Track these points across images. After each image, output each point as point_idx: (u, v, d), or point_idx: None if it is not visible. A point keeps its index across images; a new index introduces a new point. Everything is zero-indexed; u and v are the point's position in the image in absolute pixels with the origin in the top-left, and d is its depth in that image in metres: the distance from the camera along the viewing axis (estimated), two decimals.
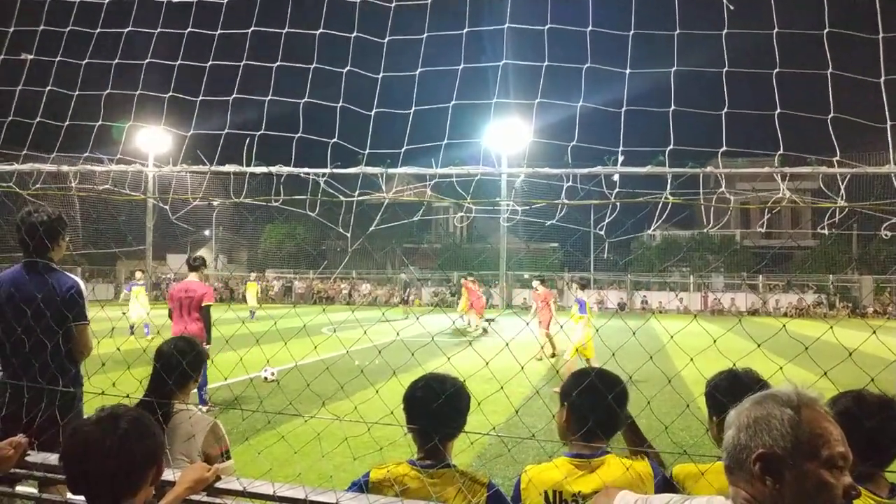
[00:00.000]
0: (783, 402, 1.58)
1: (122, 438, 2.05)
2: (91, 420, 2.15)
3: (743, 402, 1.67)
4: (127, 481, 2.07)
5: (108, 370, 3.42)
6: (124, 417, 2.12)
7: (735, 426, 1.63)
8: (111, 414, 2.14)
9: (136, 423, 2.12)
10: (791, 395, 1.59)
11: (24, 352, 4.04)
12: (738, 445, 1.60)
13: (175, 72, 3.58)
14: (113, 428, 2.07)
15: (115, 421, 2.10)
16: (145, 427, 2.14)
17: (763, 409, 1.59)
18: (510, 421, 8.12)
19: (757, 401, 1.63)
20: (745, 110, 2.87)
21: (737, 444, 1.61)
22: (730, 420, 1.67)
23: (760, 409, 1.60)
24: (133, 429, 2.09)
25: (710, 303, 46.27)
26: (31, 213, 4.12)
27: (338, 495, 2.57)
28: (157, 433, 2.19)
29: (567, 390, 2.67)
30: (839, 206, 2.61)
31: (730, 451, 1.64)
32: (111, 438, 2.05)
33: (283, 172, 3.08)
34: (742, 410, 1.64)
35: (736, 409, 1.67)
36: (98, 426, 2.10)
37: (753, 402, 1.64)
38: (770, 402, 1.60)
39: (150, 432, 2.15)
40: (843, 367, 2.36)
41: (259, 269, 55.62)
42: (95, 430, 2.09)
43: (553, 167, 2.94)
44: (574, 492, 2.44)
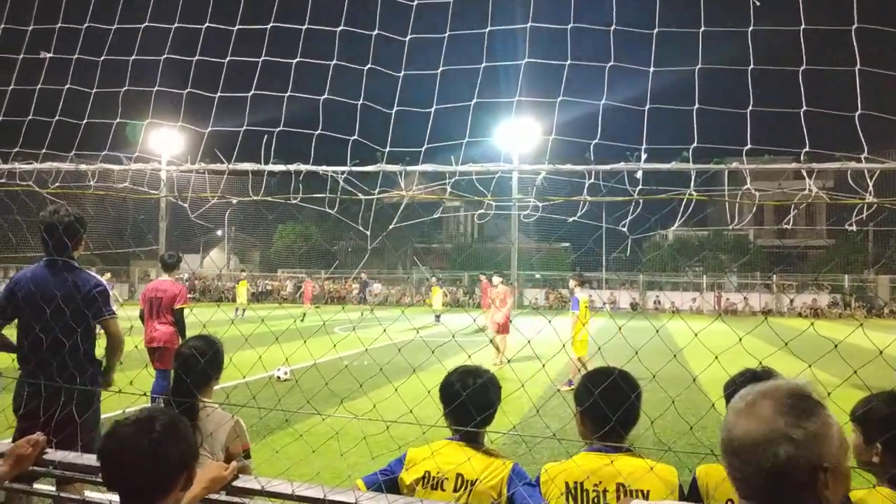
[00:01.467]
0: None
1: (156, 441, 2.07)
2: (128, 420, 2.17)
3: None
4: (158, 483, 2.08)
5: (126, 368, 3.43)
6: (159, 420, 2.13)
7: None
8: (148, 416, 2.16)
9: (170, 428, 2.12)
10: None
11: (43, 350, 4.06)
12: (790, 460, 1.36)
13: (193, 68, 3.58)
14: (148, 430, 2.09)
15: (150, 423, 2.11)
16: (179, 431, 2.15)
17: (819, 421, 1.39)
18: (525, 421, 8.09)
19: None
20: (771, 108, 2.83)
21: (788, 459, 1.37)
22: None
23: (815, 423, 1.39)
24: (167, 433, 2.10)
25: (724, 303, 45.94)
26: (53, 213, 4.17)
27: (357, 495, 2.57)
28: (190, 438, 2.20)
29: (578, 393, 2.71)
30: (867, 203, 2.56)
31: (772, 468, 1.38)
32: (145, 440, 2.06)
33: (302, 170, 3.07)
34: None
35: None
36: (134, 427, 2.12)
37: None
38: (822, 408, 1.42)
39: (183, 437, 2.15)
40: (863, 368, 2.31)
41: (269, 267, 55.88)
42: (131, 430, 2.11)
43: (574, 164, 2.92)
44: (595, 482, 2.46)
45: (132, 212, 37.26)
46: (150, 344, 8.40)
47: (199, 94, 3.54)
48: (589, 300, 12.31)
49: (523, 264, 46.53)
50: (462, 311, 13.07)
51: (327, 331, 3.74)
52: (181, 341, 8.31)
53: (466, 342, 2.84)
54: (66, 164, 3.44)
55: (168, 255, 9.10)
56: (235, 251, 62.07)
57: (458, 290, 50.56)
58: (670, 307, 44.65)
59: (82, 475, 3.08)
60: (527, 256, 46.68)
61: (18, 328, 4.19)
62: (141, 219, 41.49)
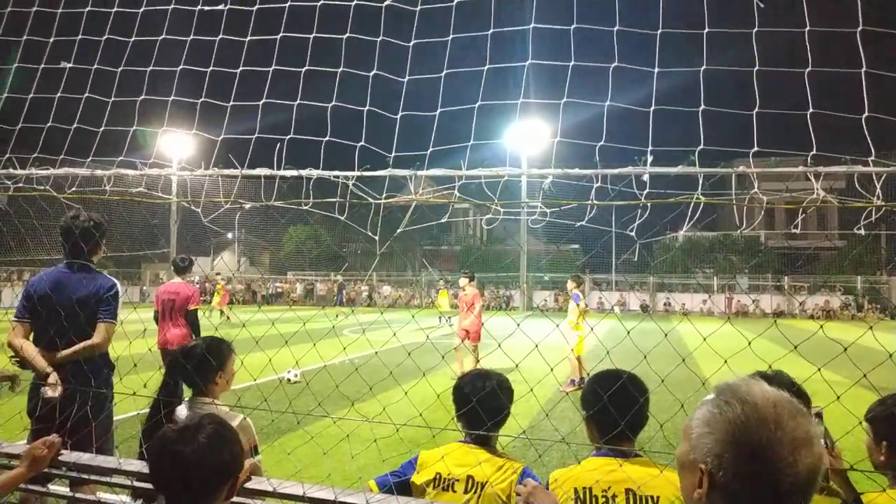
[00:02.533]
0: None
1: (199, 450, 2.07)
2: (176, 427, 2.19)
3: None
4: (200, 492, 2.09)
5: (140, 370, 3.47)
6: (205, 430, 2.13)
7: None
8: (197, 424, 2.16)
9: (214, 438, 2.12)
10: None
11: (58, 350, 4.12)
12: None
13: (207, 78, 3.64)
14: (192, 438, 2.09)
15: (195, 432, 2.12)
16: (223, 442, 2.14)
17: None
18: (535, 425, 8.08)
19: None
20: (777, 110, 2.83)
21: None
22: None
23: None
24: (210, 442, 2.10)
25: (735, 305, 45.65)
26: (74, 218, 4.24)
27: (367, 496, 2.59)
28: (235, 449, 2.18)
29: (585, 397, 2.70)
30: (875, 206, 2.56)
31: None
32: (189, 448, 2.07)
33: (313, 176, 3.11)
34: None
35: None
36: (180, 434, 2.13)
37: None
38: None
39: (228, 447, 2.15)
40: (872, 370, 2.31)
41: (279, 269, 55.98)
42: (176, 437, 2.12)
43: (582, 168, 2.93)
44: (604, 487, 2.44)
45: (145, 216, 37.52)
46: (164, 346, 8.47)
47: (213, 102, 3.60)
48: (585, 303, 12.35)
49: (532, 266, 46.47)
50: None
51: (336, 333, 3.76)
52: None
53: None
54: (82, 170, 3.50)
55: (180, 258, 9.15)
56: (246, 254, 62.35)
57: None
58: (681, 309, 44.42)
59: (96, 476, 3.12)
60: (536, 259, 46.58)
61: (34, 330, 4.25)
62: (154, 223, 41.79)
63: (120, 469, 3.00)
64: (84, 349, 4.15)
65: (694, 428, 1.32)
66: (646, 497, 2.41)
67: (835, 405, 2.36)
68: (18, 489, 3.05)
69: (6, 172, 3.59)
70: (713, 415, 1.29)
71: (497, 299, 48.41)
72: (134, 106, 3.80)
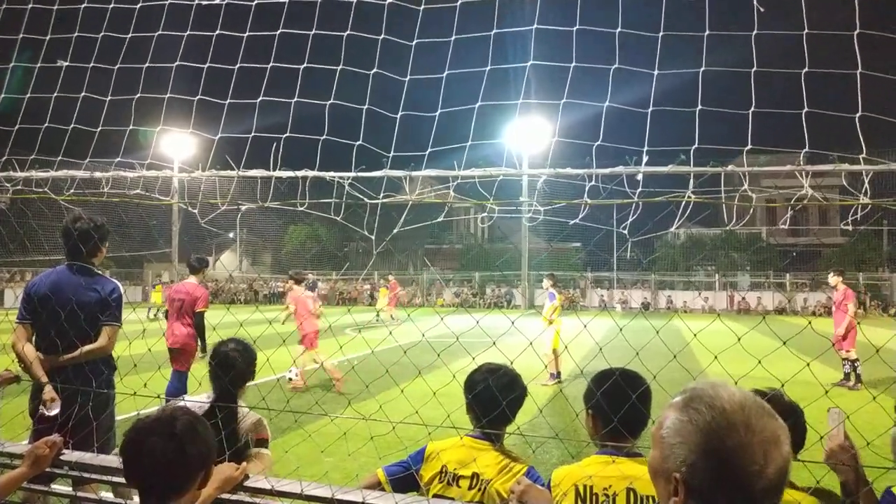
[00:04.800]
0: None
1: (175, 439, 2.10)
2: (151, 417, 2.22)
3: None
4: (175, 481, 2.12)
5: (140, 370, 3.50)
6: (181, 420, 2.17)
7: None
8: (170, 415, 2.19)
9: (190, 427, 2.15)
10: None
11: (59, 353, 4.14)
12: None
13: (203, 75, 3.64)
14: (168, 428, 2.13)
15: (171, 422, 2.15)
16: (198, 431, 2.17)
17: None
18: (533, 421, 8.10)
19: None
20: (772, 109, 2.85)
21: None
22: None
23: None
24: (187, 431, 2.13)
25: (737, 302, 45.63)
26: (74, 221, 4.26)
27: (364, 494, 2.61)
28: (209, 439, 2.22)
29: (589, 392, 2.69)
30: (861, 203, 2.58)
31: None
32: (164, 438, 2.10)
33: (309, 176, 3.12)
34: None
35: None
36: (155, 424, 2.16)
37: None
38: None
39: (202, 437, 2.18)
40: (873, 366, 2.33)
41: (280, 269, 55.92)
42: (152, 427, 2.15)
43: (575, 167, 2.95)
44: (605, 486, 2.45)
45: (145, 216, 37.59)
46: (170, 344, 8.54)
47: (210, 100, 3.61)
48: (563, 298, 13.33)
49: (533, 264, 46.45)
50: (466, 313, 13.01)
51: (334, 333, 3.79)
52: (199, 344, 8.49)
53: (470, 344, 2.87)
54: (80, 172, 3.51)
55: (196, 258, 9.17)
56: (247, 253, 62.41)
57: (466, 290, 50.61)
58: (682, 306, 44.40)
59: (98, 476, 3.15)
60: (536, 257, 46.59)
61: (35, 331, 4.27)
62: (154, 224, 41.82)
63: (121, 468, 3.02)
64: (88, 353, 4.18)
65: (665, 437, 1.33)
66: (647, 497, 2.40)
67: (824, 399, 2.38)
68: (21, 489, 3.07)
69: (5, 175, 3.61)
70: (683, 423, 1.30)
71: (498, 297, 48.46)
72: (130, 105, 3.81)
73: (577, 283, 50.80)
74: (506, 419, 2.84)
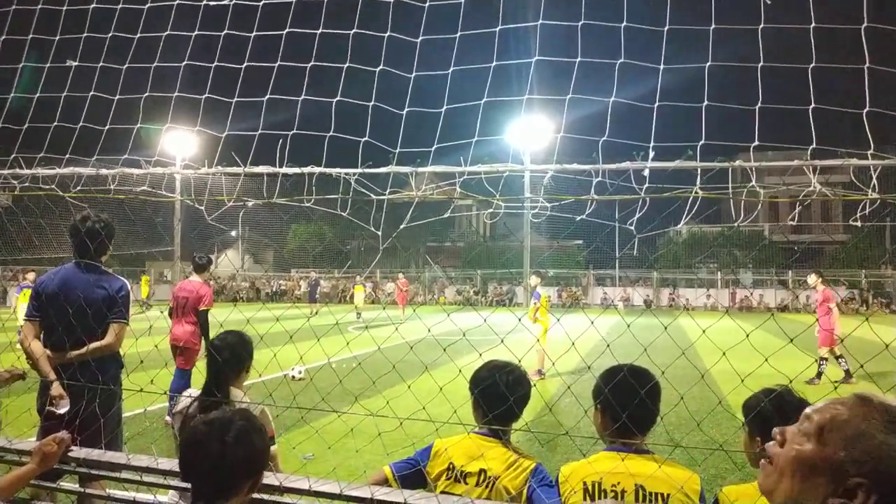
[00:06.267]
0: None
1: (225, 444, 2.11)
2: (206, 419, 2.23)
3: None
4: (220, 485, 2.12)
5: (147, 367, 3.51)
6: (235, 425, 2.17)
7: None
8: (227, 419, 2.20)
9: (242, 433, 2.15)
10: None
11: (66, 350, 4.16)
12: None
13: (211, 73, 3.65)
14: (220, 432, 2.14)
15: (225, 426, 2.16)
16: (251, 439, 2.17)
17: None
18: (538, 419, 8.12)
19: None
20: (779, 105, 2.84)
21: None
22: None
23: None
24: (238, 438, 2.14)
25: (739, 299, 45.58)
26: (84, 219, 4.28)
27: (372, 490, 2.62)
28: (261, 447, 2.21)
29: (598, 387, 2.69)
30: (870, 199, 2.57)
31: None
32: (214, 441, 2.12)
33: (316, 172, 3.13)
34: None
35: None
36: (209, 426, 2.17)
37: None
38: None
39: (253, 445, 2.17)
40: (877, 362, 2.32)
41: (283, 267, 55.99)
42: (205, 430, 2.16)
43: (581, 164, 2.94)
44: (613, 482, 2.46)
45: (149, 214, 37.66)
46: (174, 342, 8.57)
47: (217, 98, 3.62)
48: (548, 297, 13.61)
49: (535, 262, 46.43)
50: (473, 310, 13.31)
51: (341, 330, 3.80)
52: (203, 343, 8.49)
53: (475, 341, 2.87)
54: (87, 169, 3.52)
55: (199, 256, 9.17)
56: (250, 251, 62.47)
57: (469, 287, 50.65)
58: (685, 304, 44.36)
59: (106, 472, 3.16)
60: (539, 254, 46.57)
61: (43, 328, 4.29)
62: (159, 221, 41.90)
63: (129, 465, 3.03)
64: (96, 350, 4.20)
65: (849, 437, 1.28)
66: (655, 494, 2.41)
67: (833, 395, 2.37)
68: (29, 485, 3.08)
69: (12, 172, 3.62)
70: (886, 436, 1.25)
71: (500, 295, 48.47)
72: (138, 103, 3.83)
73: (579, 281, 50.83)
74: (513, 415, 2.84)
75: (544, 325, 12.80)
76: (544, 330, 12.80)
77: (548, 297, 13.56)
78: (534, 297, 13.14)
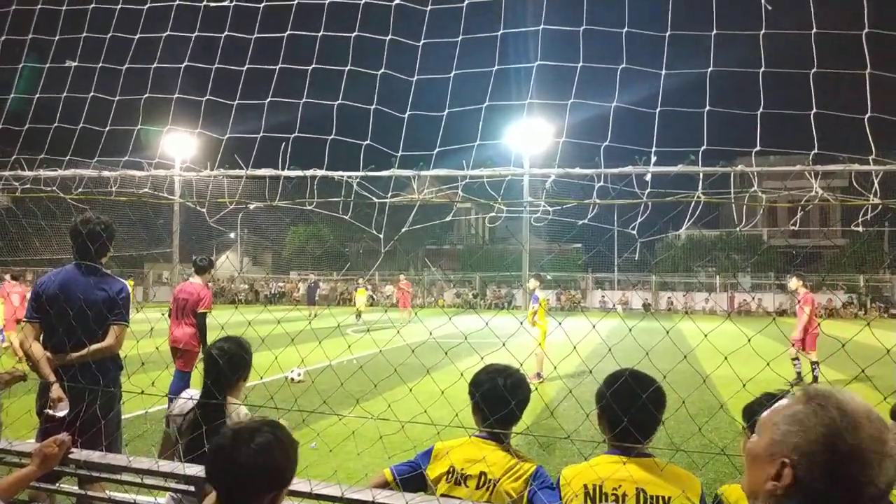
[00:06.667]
0: None
1: (247, 453, 2.09)
2: (232, 428, 2.22)
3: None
4: (240, 493, 2.11)
5: (148, 369, 3.51)
6: (261, 436, 2.14)
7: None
8: (254, 428, 2.17)
9: (266, 446, 2.12)
10: None
11: (67, 351, 4.15)
12: None
13: (212, 75, 3.65)
14: (245, 441, 2.11)
15: (250, 435, 2.14)
16: (273, 452, 2.13)
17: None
18: (538, 422, 8.11)
19: None
20: (780, 110, 2.85)
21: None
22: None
23: None
24: (261, 448, 2.11)
25: (738, 303, 45.58)
26: (85, 221, 4.28)
27: (374, 493, 2.62)
28: (280, 461, 2.16)
29: (601, 392, 2.69)
30: (872, 204, 2.58)
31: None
32: (238, 449, 2.10)
33: (318, 175, 3.13)
34: None
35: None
36: (236, 433, 2.16)
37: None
38: None
39: (275, 458, 2.13)
40: (878, 368, 2.33)
41: (282, 269, 55.95)
42: (233, 435, 2.15)
43: (583, 168, 2.95)
44: (614, 486, 2.45)
45: (150, 216, 37.66)
46: (173, 344, 8.57)
47: (218, 101, 3.62)
48: (547, 300, 13.57)
49: (535, 265, 46.40)
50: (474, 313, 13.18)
51: (342, 332, 3.80)
52: (201, 345, 8.47)
53: (476, 344, 2.87)
54: (89, 171, 3.52)
55: (199, 258, 9.14)
56: (249, 253, 62.45)
57: (468, 290, 50.65)
58: (683, 308, 44.35)
59: (106, 474, 3.16)
60: (538, 257, 46.57)
61: (43, 330, 4.28)
62: (160, 223, 41.88)
63: (129, 467, 3.03)
64: (96, 351, 4.19)
65: (780, 424, 1.37)
66: (656, 497, 2.41)
67: None
68: (29, 487, 3.08)
69: (13, 174, 3.62)
70: (806, 415, 1.34)
71: (498, 298, 48.47)
72: (139, 105, 3.83)
73: (578, 284, 50.84)
74: (513, 418, 2.85)
75: (543, 328, 12.82)
76: (543, 333, 12.83)
77: (546, 301, 13.64)
78: (532, 301, 13.18)
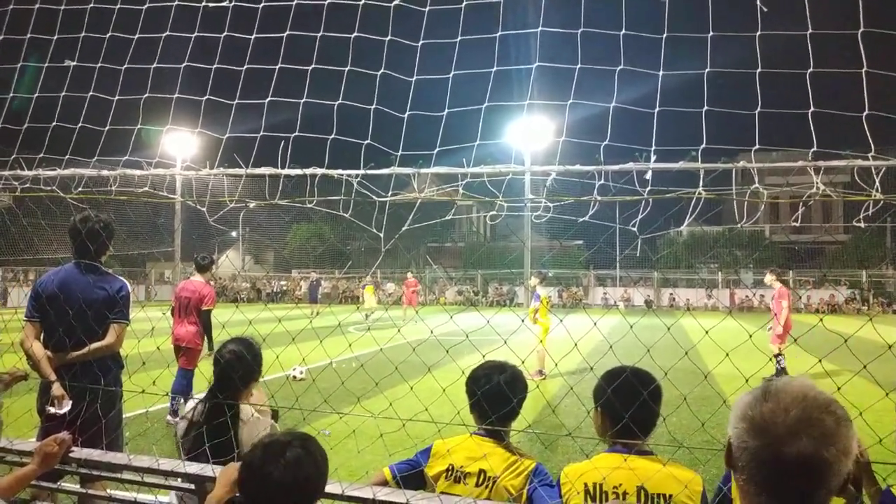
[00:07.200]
0: None
1: (282, 472, 2.10)
2: (274, 437, 2.23)
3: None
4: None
5: (149, 368, 3.51)
6: (291, 451, 2.14)
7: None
8: (285, 442, 2.17)
9: (294, 461, 2.12)
10: None
11: (67, 350, 4.16)
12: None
13: (211, 75, 3.66)
14: (276, 459, 2.12)
15: (281, 449, 2.14)
16: (300, 468, 2.13)
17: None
18: (540, 419, 8.11)
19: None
20: (779, 109, 2.85)
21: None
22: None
23: None
24: (290, 463, 2.11)
25: (740, 299, 45.55)
26: (85, 220, 4.28)
27: (374, 490, 2.62)
28: (312, 477, 2.16)
29: (600, 389, 2.69)
30: (873, 199, 2.58)
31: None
32: (267, 462, 2.11)
33: (318, 174, 3.13)
34: None
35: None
36: (267, 446, 2.17)
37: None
38: None
39: (302, 474, 2.12)
40: (880, 363, 2.33)
41: (284, 267, 55.96)
42: (264, 447, 2.16)
43: (584, 165, 2.95)
44: (615, 484, 2.45)
45: (150, 215, 37.72)
46: (176, 342, 8.57)
47: (218, 100, 3.62)
48: (549, 297, 13.60)
49: (536, 262, 46.40)
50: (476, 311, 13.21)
51: (343, 330, 3.81)
52: (204, 342, 8.51)
53: (477, 342, 2.87)
54: (88, 170, 3.52)
55: (201, 256, 9.17)
56: (250, 252, 62.50)
57: (469, 288, 50.68)
58: (685, 304, 44.35)
59: (107, 473, 3.16)
60: (539, 255, 46.58)
61: (43, 329, 4.28)
62: (160, 222, 41.91)
63: (130, 465, 3.04)
64: (97, 350, 4.20)
65: (736, 414, 1.41)
66: (657, 495, 2.41)
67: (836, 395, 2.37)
68: (30, 486, 3.09)
69: (13, 173, 3.63)
70: (759, 403, 1.37)
71: (500, 296, 48.50)
72: (138, 104, 3.83)
73: (580, 281, 50.83)
74: (512, 415, 2.85)
75: (544, 325, 12.83)
76: (544, 330, 12.86)
77: (548, 298, 13.68)
78: (534, 298, 13.21)
